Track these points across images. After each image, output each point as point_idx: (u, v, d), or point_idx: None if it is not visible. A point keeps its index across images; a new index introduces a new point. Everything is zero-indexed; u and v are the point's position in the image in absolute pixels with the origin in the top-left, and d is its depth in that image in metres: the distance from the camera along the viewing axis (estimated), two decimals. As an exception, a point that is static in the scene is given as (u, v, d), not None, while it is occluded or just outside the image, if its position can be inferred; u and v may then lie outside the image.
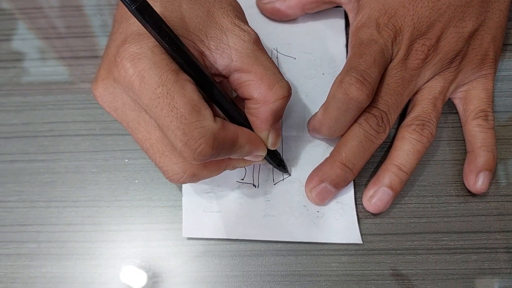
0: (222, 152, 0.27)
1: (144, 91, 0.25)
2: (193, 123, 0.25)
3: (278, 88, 0.28)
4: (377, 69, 0.31)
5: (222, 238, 0.34)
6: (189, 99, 0.25)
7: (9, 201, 0.36)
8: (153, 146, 0.28)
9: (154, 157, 0.29)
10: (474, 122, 0.35)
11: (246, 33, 0.29)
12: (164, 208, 0.35)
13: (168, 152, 0.28)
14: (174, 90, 0.25)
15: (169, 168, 0.29)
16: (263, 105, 0.29)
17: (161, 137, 0.28)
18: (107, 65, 0.28)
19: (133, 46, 0.25)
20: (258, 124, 0.30)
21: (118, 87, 0.28)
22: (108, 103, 0.29)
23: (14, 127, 0.38)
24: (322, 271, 0.34)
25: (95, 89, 0.29)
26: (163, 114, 0.25)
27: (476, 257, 0.34)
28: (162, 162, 0.29)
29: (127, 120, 0.29)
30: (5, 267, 0.34)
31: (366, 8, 0.35)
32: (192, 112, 0.25)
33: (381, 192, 0.34)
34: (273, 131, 0.30)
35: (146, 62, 0.25)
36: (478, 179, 0.34)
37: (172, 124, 0.25)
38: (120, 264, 0.34)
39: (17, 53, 0.41)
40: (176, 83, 0.25)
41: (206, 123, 0.26)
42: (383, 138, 0.33)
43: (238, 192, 0.35)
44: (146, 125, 0.28)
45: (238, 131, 0.28)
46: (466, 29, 0.34)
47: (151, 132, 0.28)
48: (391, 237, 0.34)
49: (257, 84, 0.28)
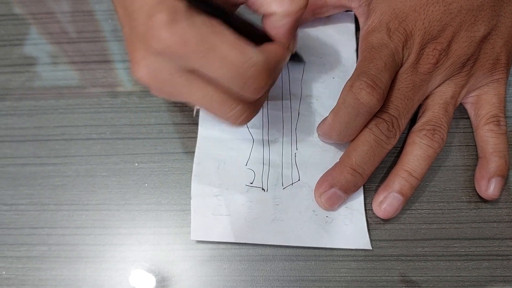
0: (274, 77, 0.29)
1: (191, 52, 0.26)
2: (244, 64, 0.26)
3: None
4: (387, 73, 0.31)
5: (231, 241, 0.34)
6: (232, 43, 0.26)
7: (20, 204, 0.36)
8: (212, 99, 0.29)
9: (216, 109, 0.29)
10: (486, 127, 0.35)
11: None
12: (173, 212, 0.35)
13: (226, 99, 0.29)
14: (216, 40, 0.26)
15: (233, 113, 0.29)
16: (286, 18, 0.29)
17: (217, 88, 0.28)
18: (141, 44, 0.28)
19: (162, 14, 0.25)
20: (283, 36, 0.30)
21: (162, 60, 0.27)
22: (155, 79, 0.29)
23: (26, 131, 0.38)
24: (331, 276, 0.33)
25: (137, 71, 0.29)
26: (216, 67, 0.26)
27: (487, 264, 0.33)
28: (223, 110, 0.29)
29: (178, 88, 0.29)
30: (16, 269, 0.34)
31: (376, 12, 0.35)
32: (239, 55, 0.26)
33: (391, 198, 0.33)
34: (294, 38, 0.32)
35: (181, 24, 0.25)
36: (490, 185, 0.34)
37: (228, 73, 0.26)
38: (129, 268, 0.34)
39: (29, 57, 0.41)
40: (214, 33, 0.26)
41: (255, 58, 0.26)
42: (393, 143, 0.33)
43: (247, 195, 0.35)
44: (199, 84, 0.28)
45: (274, 51, 0.29)
46: (478, 33, 0.34)
47: (206, 89, 0.28)
48: (401, 243, 0.34)
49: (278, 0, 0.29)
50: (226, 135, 0.36)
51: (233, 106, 0.29)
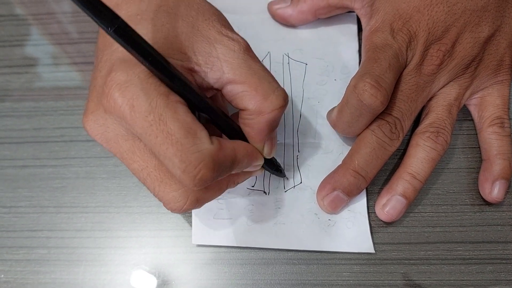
0: (223, 172, 0.26)
1: (135, 120, 0.24)
2: (189, 148, 0.24)
3: (274, 98, 0.27)
4: (392, 74, 0.31)
5: (232, 245, 0.34)
6: (183, 123, 0.24)
7: (19, 206, 0.36)
8: (151, 174, 0.27)
9: (153, 186, 0.27)
10: (490, 129, 0.34)
11: (236, 42, 0.27)
12: (173, 215, 0.35)
13: (168, 179, 0.27)
14: (166, 115, 0.24)
15: (170, 196, 0.27)
16: (258, 116, 0.27)
17: (159, 164, 0.27)
18: (95, 96, 0.27)
19: (120, 74, 0.24)
20: (254, 135, 0.28)
21: (109, 118, 0.26)
22: (99, 135, 0.28)
23: (26, 132, 0.38)
24: (334, 280, 0.33)
25: (85, 122, 0.28)
26: (158, 142, 0.24)
27: (491, 267, 0.33)
28: (161, 190, 0.27)
29: (121, 151, 0.27)
30: (15, 272, 0.34)
31: (380, 13, 0.34)
32: (187, 136, 0.24)
33: (394, 201, 0.33)
34: (269, 141, 0.29)
35: (134, 89, 0.24)
36: (494, 188, 0.33)
37: (168, 152, 0.24)
38: (130, 271, 0.34)
39: (29, 58, 0.41)
40: (167, 107, 0.24)
41: (203, 146, 0.24)
42: (396, 146, 0.33)
43: (248, 199, 0.34)
44: (141, 153, 0.27)
45: (235, 147, 0.27)
46: (482, 34, 0.33)
47: (147, 161, 0.27)
48: (404, 246, 0.34)
49: (251, 95, 0.27)
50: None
51: (171, 189, 0.27)
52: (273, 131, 0.29)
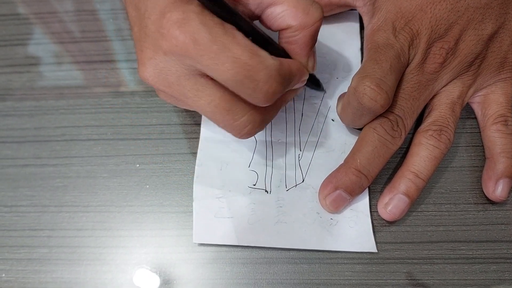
0: (286, 86, 0.28)
1: (201, 52, 0.25)
2: (257, 66, 0.25)
3: (314, 10, 0.29)
4: (393, 75, 0.31)
5: (233, 244, 0.33)
6: (244, 46, 0.25)
7: (21, 205, 0.36)
8: (218, 106, 0.28)
9: (222, 117, 0.28)
10: (493, 127, 0.34)
11: None
12: (175, 214, 0.35)
13: (234, 107, 0.28)
14: (228, 41, 0.25)
15: (239, 122, 0.29)
16: (302, 30, 0.29)
17: (224, 94, 0.28)
18: (150, 43, 0.28)
19: (175, 13, 0.25)
20: (300, 51, 0.30)
21: (170, 60, 0.27)
22: (161, 81, 0.28)
23: (27, 132, 0.38)
24: (336, 280, 0.33)
25: (144, 72, 0.28)
26: (226, 68, 0.25)
27: (495, 267, 0.33)
28: (231, 119, 0.28)
29: (184, 92, 0.28)
30: (16, 272, 0.34)
31: (382, 11, 0.34)
32: (252, 57, 0.25)
33: (397, 200, 0.33)
34: (311, 55, 0.31)
35: (193, 24, 0.25)
36: (498, 186, 0.33)
37: (239, 75, 0.25)
38: (131, 270, 0.34)
39: (30, 57, 0.41)
40: (226, 34, 0.25)
41: (268, 62, 0.26)
42: (398, 144, 0.33)
43: (250, 197, 0.34)
44: (204, 88, 0.28)
45: (290, 63, 0.28)
46: (485, 32, 0.33)
47: (211, 94, 0.28)
48: (407, 245, 0.33)
49: (293, 13, 0.29)
50: (228, 137, 0.36)
51: (239, 115, 0.28)
52: (314, 45, 0.31)
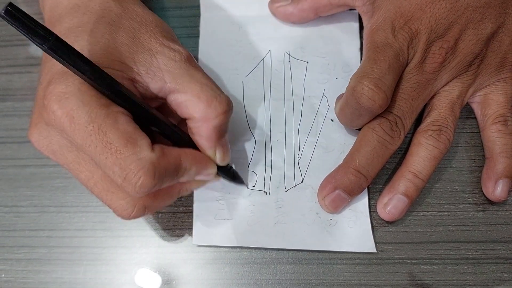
0: (166, 180, 0.26)
1: (75, 131, 0.24)
2: (129, 156, 0.24)
3: (217, 103, 0.28)
4: (391, 75, 0.31)
5: (233, 246, 0.33)
6: (123, 132, 0.25)
7: (20, 206, 0.36)
8: (97, 184, 0.27)
9: (101, 195, 0.28)
10: (493, 127, 0.34)
11: (177, 52, 0.28)
12: (174, 215, 0.35)
13: (114, 189, 0.27)
14: (105, 125, 0.24)
15: (118, 205, 0.28)
16: (204, 123, 0.28)
17: (104, 174, 0.27)
18: (37, 109, 0.27)
19: (58, 86, 0.25)
20: (203, 142, 0.29)
21: (51, 130, 0.27)
22: (45, 147, 0.28)
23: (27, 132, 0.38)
24: (335, 280, 0.33)
25: (30, 135, 0.28)
26: (97, 152, 0.24)
27: (495, 267, 0.33)
28: (109, 199, 0.28)
29: (67, 162, 0.28)
30: (16, 272, 0.34)
31: (381, 10, 0.34)
32: (127, 145, 0.24)
33: (396, 200, 0.33)
34: (220, 147, 0.30)
35: (73, 101, 0.24)
36: (497, 187, 0.33)
37: (108, 161, 0.24)
38: (130, 270, 0.34)
39: (31, 58, 0.41)
40: (107, 117, 0.24)
41: (143, 154, 0.25)
42: (398, 144, 0.33)
43: (249, 199, 0.34)
44: (86, 164, 0.27)
45: (180, 154, 0.27)
46: (485, 31, 0.33)
47: (92, 171, 0.27)
48: (406, 246, 0.33)
49: (195, 103, 0.27)
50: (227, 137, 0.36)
51: (118, 198, 0.27)
52: (223, 138, 0.30)
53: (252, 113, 0.37)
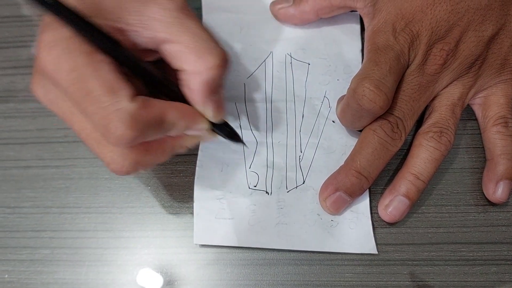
0: (149, 132, 0.26)
1: (60, 77, 0.24)
2: (108, 106, 0.24)
3: (209, 56, 0.26)
4: (392, 77, 0.31)
5: (234, 245, 0.34)
6: (103, 81, 0.24)
7: (23, 207, 0.36)
8: (90, 135, 0.27)
9: (93, 147, 0.27)
10: (494, 129, 0.34)
11: (170, 0, 0.26)
12: (176, 215, 0.35)
13: (104, 141, 0.27)
14: (86, 73, 0.24)
15: (109, 158, 0.27)
16: (193, 75, 0.27)
17: None
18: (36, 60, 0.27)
19: (47, 34, 0.25)
20: (192, 96, 0.28)
21: (44, 79, 0.26)
22: (43, 97, 0.28)
23: (29, 133, 0.38)
24: (336, 281, 0.33)
25: (31, 85, 0.28)
26: (80, 100, 0.24)
27: (496, 269, 0.33)
28: (101, 152, 0.27)
29: (61, 112, 0.27)
30: (19, 272, 0.34)
31: (382, 12, 0.34)
32: (106, 94, 0.24)
33: (397, 201, 0.33)
34: (211, 103, 0.28)
35: (59, 48, 0.24)
36: (498, 188, 0.33)
37: (90, 109, 0.24)
38: (132, 271, 0.34)
39: (33, 59, 0.41)
40: (88, 65, 0.24)
41: (123, 103, 0.24)
42: (399, 145, 0.33)
43: (250, 199, 0.34)
44: (79, 115, 0.27)
45: (166, 107, 0.26)
46: (486, 33, 0.33)
47: (84, 122, 0.27)
48: (407, 247, 0.34)
49: (185, 54, 0.26)
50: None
51: (107, 150, 0.27)
52: (216, 93, 0.28)
53: (253, 114, 0.37)
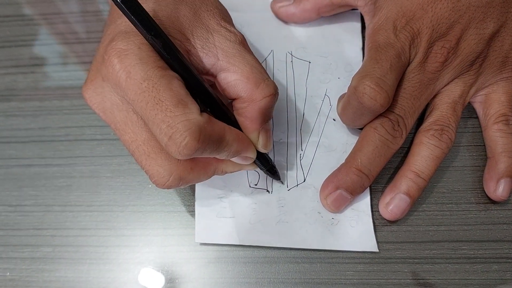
0: (209, 147, 0.26)
1: (130, 85, 0.25)
2: (178, 115, 0.25)
3: (265, 86, 0.28)
4: (393, 75, 0.31)
5: (235, 244, 0.34)
6: (175, 93, 0.25)
7: (25, 205, 0.36)
8: (139, 147, 0.28)
9: (140, 159, 0.28)
10: (495, 127, 0.34)
11: (232, 33, 0.29)
12: (177, 213, 0.35)
13: (154, 154, 0.28)
14: (159, 84, 0.25)
15: (155, 171, 0.28)
16: (250, 103, 0.29)
17: (148, 138, 0.28)
18: (95, 66, 0.29)
19: (120, 43, 0.26)
20: (247, 123, 0.29)
21: (106, 86, 0.28)
22: (97, 104, 0.29)
23: (31, 132, 0.38)
24: (337, 279, 0.33)
25: (85, 91, 0.29)
26: (148, 108, 0.25)
27: (497, 267, 0.33)
28: (148, 164, 0.28)
29: (115, 122, 0.29)
30: (20, 270, 0.34)
31: (383, 10, 0.34)
32: (177, 105, 0.25)
33: (398, 199, 0.33)
34: (263, 132, 0.30)
35: (132, 57, 0.25)
36: (499, 186, 0.33)
37: (157, 117, 0.25)
38: (134, 269, 0.34)
39: (35, 58, 0.41)
40: (162, 78, 0.25)
41: (192, 116, 0.25)
42: (399, 143, 0.33)
43: (251, 197, 0.34)
44: (133, 126, 0.28)
45: (225, 127, 0.28)
46: (487, 31, 0.33)
47: (137, 133, 0.28)
48: (408, 245, 0.34)
49: (243, 83, 0.28)
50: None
51: (157, 164, 0.28)
52: (267, 122, 0.30)
53: (254, 113, 0.37)
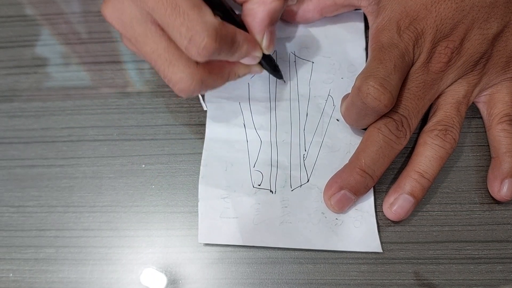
0: (224, 48, 0.29)
1: None
2: (195, 18, 0.27)
3: None
4: (397, 75, 0.31)
5: (239, 244, 0.33)
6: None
7: (27, 206, 0.36)
8: (161, 56, 0.29)
9: (163, 68, 0.30)
10: (499, 127, 0.34)
11: None
12: (180, 214, 0.35)
13: (175, 60, 0.29)
14: None
15: (178, 77, 0.30)
16: (261, 5, 0.31)
17: (168, 46, 0.29)
18: None
19: None
20: (255, 25, 0.31)
21: (125, 1, 0.29)
22: (116, 19, 0.30)
23: (34, 132, 0.38)
24: (341, 280, 0.33)
25: (104, 8, 0.30)
26: (167, 14, 0.27)
27: (501, 267, 0.33)
28: (171, 71, 0.30)
29: (135, 35, 0.30)
30: (23, 271, 0.34)
31: (386, 10, 0.34)
32: (193, 8, 0.27)
33: (402, 200, 0.33)
34: (268, 34, 0.32)
35: None
36: (503, 186, 0.33)
37: (177, 22, 0.27)
38: (137, 270, 0.34)
39: (37, 58, 0.41)
40: None
41: (208, 18, 0.27)
42: (403, 144, 0.33)
43: (254, 198, 0.34)
44: (153, 35, 0.29)
45: (236, 29, 0.30)
46: (490, 31, 0.33)
47: (158, 42, 0.29)
48: (412, 245, 0.33)
49: None
50: (233, 137, 0.36)
51: (179, 70, 0.29)
52: (273, 25, 0.32)
53: (258, 113, 0.37)
